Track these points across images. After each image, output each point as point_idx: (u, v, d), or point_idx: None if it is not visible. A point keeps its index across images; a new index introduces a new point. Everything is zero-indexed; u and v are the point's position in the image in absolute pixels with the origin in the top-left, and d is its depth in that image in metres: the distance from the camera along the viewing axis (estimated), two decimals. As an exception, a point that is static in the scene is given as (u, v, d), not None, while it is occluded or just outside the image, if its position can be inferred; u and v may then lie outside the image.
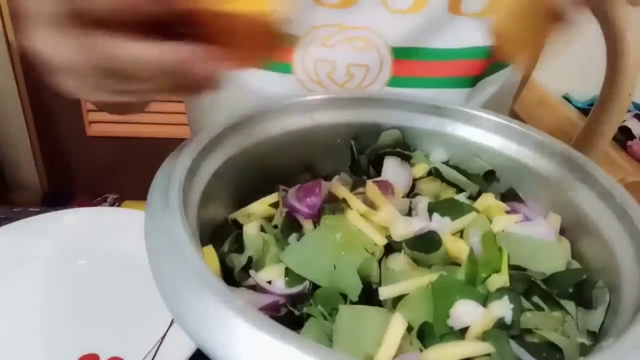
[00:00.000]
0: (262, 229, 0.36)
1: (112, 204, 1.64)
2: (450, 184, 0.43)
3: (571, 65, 1.23)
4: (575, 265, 0.35)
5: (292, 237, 0.35)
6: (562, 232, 0.38)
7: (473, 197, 0.42)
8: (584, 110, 1.37)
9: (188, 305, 0.23)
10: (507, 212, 0.39)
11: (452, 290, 0.31)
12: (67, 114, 1.60)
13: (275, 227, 0.36)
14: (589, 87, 1.28)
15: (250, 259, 0.33)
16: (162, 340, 0.43)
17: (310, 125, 0.42)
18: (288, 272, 0.32)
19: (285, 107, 0.41)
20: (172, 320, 0.44)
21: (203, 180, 0.33)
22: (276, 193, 0.38)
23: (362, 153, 0.44)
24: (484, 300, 0.31)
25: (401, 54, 0.52)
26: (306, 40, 0.51)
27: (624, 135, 1.27)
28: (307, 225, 0.36)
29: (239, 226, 0.36)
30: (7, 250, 0.50)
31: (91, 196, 1.68)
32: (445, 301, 0.30)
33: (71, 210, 0.56)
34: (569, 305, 0.32)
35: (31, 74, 1.52)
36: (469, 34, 0.52)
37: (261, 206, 0.38)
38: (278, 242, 0.35)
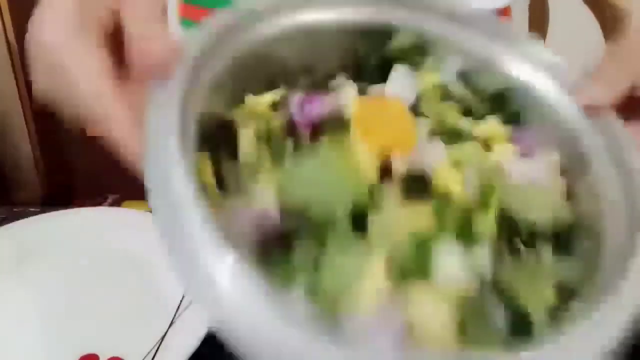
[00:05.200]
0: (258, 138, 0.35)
1: (112, 204, 1.63)
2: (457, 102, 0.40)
3: (571, 65, 1.23)
4: (564, 209, 0.34)
5: (289, 153, 0.33)
6: (562, 172, 0.36)
7: (478, 119, 0.39)
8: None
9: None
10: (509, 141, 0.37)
11: (434, 239, 0.30)
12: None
13: (270, 137, 0.35)
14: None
15: (242, 172, 0.32)
16: (162, 340, 0.43)
17: (312, 23, 0.39)
18: (281, 193, 0.31)
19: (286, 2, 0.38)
20: (172, 320, 0.44)
21: (202, 81, 0.32)
22: (277, 91, 0.36)
23: (369, 56, 0.41)
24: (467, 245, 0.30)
25: None
26: None
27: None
28: (305, 138, 0.35)
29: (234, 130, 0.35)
30: (7, 250, 0.50)
31: (91, 196, 1.68)
32: (427, 247, 0.30)
33: (71, 210, 0.56)
34: (546, 252, 0.31)
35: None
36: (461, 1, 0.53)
37: (259, 105, 0.36)
38: (273, 155, 0.33)
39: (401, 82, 0.39)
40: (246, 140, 0.34)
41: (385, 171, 0.33)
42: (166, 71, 0.29)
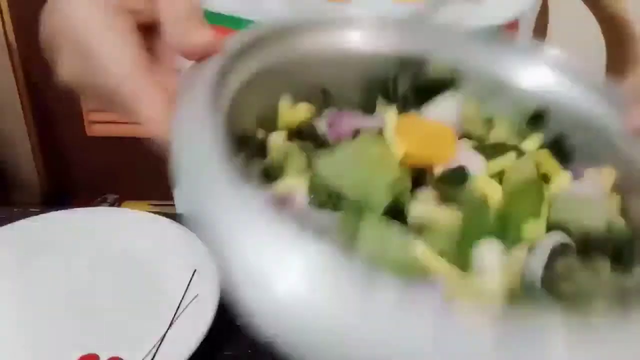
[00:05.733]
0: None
1: (112, 204, 1.63)
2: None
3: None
4: (619, 223, 0.33)
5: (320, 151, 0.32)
6: (616, 189, 0.35)
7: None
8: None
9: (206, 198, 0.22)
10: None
11: (479, 228, 0.29)
12: (67, 114, 1.60)
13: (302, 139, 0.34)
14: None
15: (271, 167, 0.31)
16: (162, 340, 0.43)
17: (346, 44, 0.38)
18: (314, 186, 0.30)
19: (320, 23, 0.37)
20: (172, 320, 0.44)
21: (231, 90, 0.31)
22: (309, 106, 0.36)
23: (400, 82, 0.40)
24: (513, 246, 0.29)
25: None
26: None
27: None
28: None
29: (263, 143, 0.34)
30: (7, 250, 0.50)
31: (91, 196, 1.68)
32: (471, 237, 0.28)
33: (71, 210, 0.56)
34: (604, 265, 0.30)
35: (31, 74, 1.52)
36: (470, 16, 0.53)
37: (291, 117, 0.35)
38: (304, 153, 0.32)
39: (442, 107, 0.38)
40: (277, 138, 0.33)
41: (421, 172, 0.33)
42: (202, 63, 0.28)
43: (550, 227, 0.30)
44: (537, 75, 0.39)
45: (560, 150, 0.37)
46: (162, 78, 0.30)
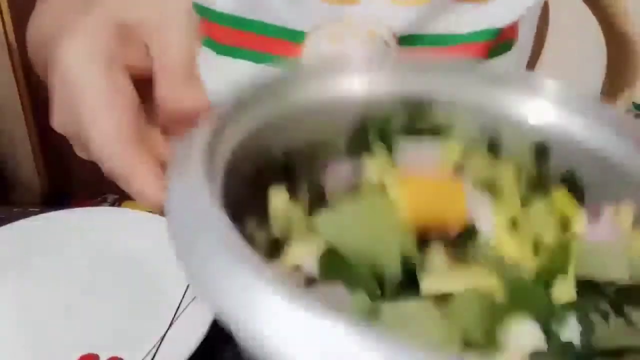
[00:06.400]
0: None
1: (112, 204, 1.63)
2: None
3: (571, 65, 1.23)
4: None
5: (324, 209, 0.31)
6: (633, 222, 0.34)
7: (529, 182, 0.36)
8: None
9: (215, 279, 0.20)
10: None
11: (517, 299, 0.27)
12: (67, 114, 1.60)
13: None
14: (589, 86, 1.28)
15: (276, 238, 0.30)
16: (162, 340, 0.43)
17: (338, 92, 0.37)
18: (323, 257, 0.29)
19: (312, 71, 0.36)
20: (172, 320, 0.44)
21: (224, 155, 0.30)
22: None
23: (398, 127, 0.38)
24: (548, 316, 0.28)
25: (406, 41, 0.52)
26: (314, 37, 0.52)
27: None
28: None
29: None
30: (7, 250, 0.50)
31: (91, 196, 1.68)
32: (501, 312, 0.27)
33: (71, 210, 0.56)
34: (635, 311, 0.29)
35: (31, 75, 1.52)
36: (473, 19, 0.52)
37: (282, 213, 0.33)
38: (309, 209, 0.31)
39: (413, 158, 0.37)
40: (278, 197, 0.32)
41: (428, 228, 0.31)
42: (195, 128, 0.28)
43: (577, 285, 0.29)
44: (537, 110, 0.38)
45: (571, 187, 0.36)
46: (155, 142, 0.29)
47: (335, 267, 0.28)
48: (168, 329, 0.44)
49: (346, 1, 0.50)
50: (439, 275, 0.28)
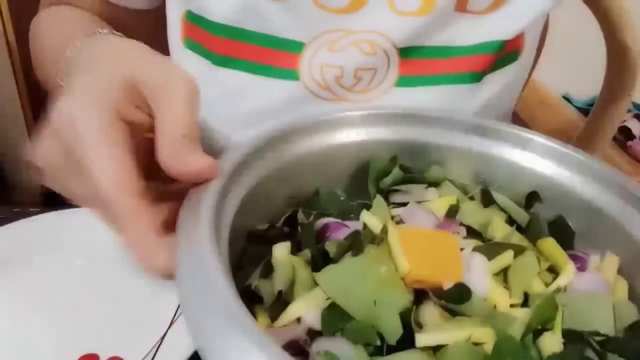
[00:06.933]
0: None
1: (112, 204, 1.63)
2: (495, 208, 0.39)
3: (571, 65, 1.23)
4: (631, 309, 0.33)
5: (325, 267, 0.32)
6: (618, 270, 0.35)
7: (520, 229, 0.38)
8: (584, 110, 1.37)
9: (214, 342, 0.23)
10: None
11: (505, 354, 0.28)
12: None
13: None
14: (589, 87, 1.28)
15: (280, 291, 0.31)
16: (162, 340, 0.43)
17: (334, 145, 0.39)
18: (325, 314, 0.30)
19: (308, 126, 0.38)
20: (172, 320, 0.44)
21: (233, 204, 0.32)
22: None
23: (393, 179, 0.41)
24: None
25: (408, 53, 0.52)
26: (312, 47, 0.51)
27: (623, 136, 1.28)
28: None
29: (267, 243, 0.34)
30: (7, 250, 0.50)
31: (91, 196, 1.68)
32: None
33: (71, 210, 0.55)
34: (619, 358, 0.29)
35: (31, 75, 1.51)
36: (475, 31, 0.51)
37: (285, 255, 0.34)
38: (308, 266, 0.33)
39: (410, 216, 0.38)
40: (281, 251, 0.33)
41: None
42: (201, 186, 0.28)
43: (564, 335, 0.30)
44: (527, 162, 0.40)
45: (562, 231, 0.37)
46: (156, 195, 0.29)
47: (338, 321, 0.29)
48: (168, 329, 0.44)
49: (345, 10, 0.49)
50: (433, 329, 0.29)
